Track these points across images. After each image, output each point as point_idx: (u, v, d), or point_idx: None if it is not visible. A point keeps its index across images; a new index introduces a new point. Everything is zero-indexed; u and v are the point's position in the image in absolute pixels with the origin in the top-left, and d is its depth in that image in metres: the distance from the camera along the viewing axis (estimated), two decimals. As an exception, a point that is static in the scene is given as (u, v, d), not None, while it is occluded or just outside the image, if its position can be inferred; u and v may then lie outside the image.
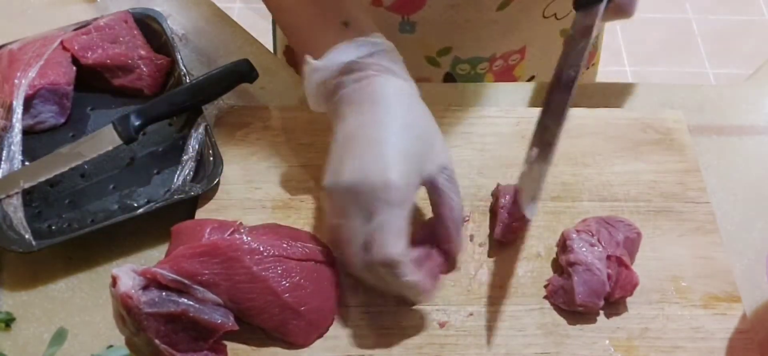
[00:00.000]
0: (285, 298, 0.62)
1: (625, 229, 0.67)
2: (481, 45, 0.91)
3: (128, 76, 0.81)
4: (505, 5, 0.86)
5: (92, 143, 0.73)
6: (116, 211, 0.72)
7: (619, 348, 0.63)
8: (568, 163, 0.75)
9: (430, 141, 0.63)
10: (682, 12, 2.49)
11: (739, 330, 0.64)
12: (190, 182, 0.72)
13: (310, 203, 0.72)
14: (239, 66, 0.78)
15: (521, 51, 0.94)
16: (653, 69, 2.33)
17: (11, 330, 0.65)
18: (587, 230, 0.66)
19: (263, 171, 0.74)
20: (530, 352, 0.63)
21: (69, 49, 0.80)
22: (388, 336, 0.63)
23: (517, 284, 0.67)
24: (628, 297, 0.65)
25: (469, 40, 0.90)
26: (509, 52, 0.93)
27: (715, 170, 0.76)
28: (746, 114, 0.82)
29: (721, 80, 2.30)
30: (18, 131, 0.75)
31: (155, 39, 0.84)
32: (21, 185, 0.70)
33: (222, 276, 0.61)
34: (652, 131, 0.78)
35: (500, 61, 0.93)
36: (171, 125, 0.79)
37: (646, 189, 0.73)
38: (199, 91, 0.76)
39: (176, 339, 0.59)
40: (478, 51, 0.91)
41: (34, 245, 0.67)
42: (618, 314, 0.65)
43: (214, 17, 0.92)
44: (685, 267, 0.68)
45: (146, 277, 0.59)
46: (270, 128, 0.78)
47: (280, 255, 0.63)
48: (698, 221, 0.71)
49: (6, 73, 0.78)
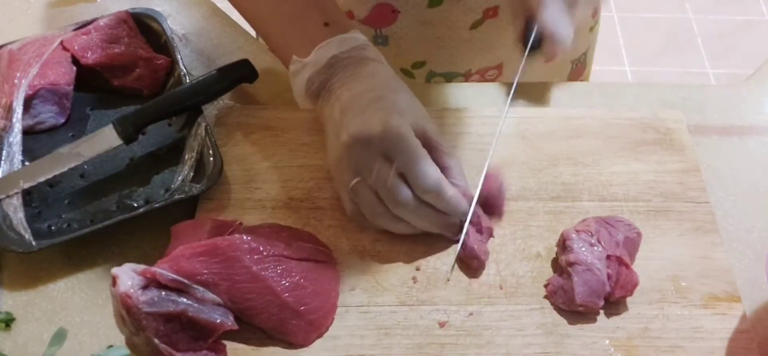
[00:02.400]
0: (284, 298, 0.62)
1: (624, 229, 0.67)
2: (456, 61, 0.92)
3: (128, 77, 0.81)
4: (478, 25, 0.87)
5: (92, 143, 0.73)
6: (116, 211, 0.72)
7: (619, 348, 0.63)
8: (568, 163, 0.75)
9: (414, 102, 0.69)
10: (682, 12, 2.49)
11: (739, 330, 0.64)
12: (190, 182, 0.72)
13: (310, 203, 0.72)
14: (239, 66, 0.79)
15: (498, 67, 0.94)
16: (653, 69, 2.33)
17: (11, 330, 0.65)
18: (587, 230, 0.66)
19: (263, 171, 0.74)
20: (530, 352, 0.63)
21: (69, 49, 0.80)
22: (388, 336, 0.63)
23: (517, 284, 0.67)
24: (628, 297, 0.65)
25: (443, 55, 0.91)
26: (486, 68, 0.93)
27: (715, 170, 0.76)
28: (746, 114, 0.82)
29: (721, 80, 2.30)
30: (18, 131, 0.75)
31: (155, 39, 0.84)
32: (21, 185, 0.70)
33: (222, 276, 0.61)
34: (652, 131, 0.78)
35: (476, 75, 0.94)
36: (171, 125, 0.79)
37: (646, 189, 0.73)
38: (199, 91, 0.76)
39: (176, 338, 0.59)
40: (452, 67, 0.92)
41: (34, 245, 0.67)
42: (618, 314, 0.65)
43: (214, 17, 0.92)
44: (685, 266, 0.68)
45: (146, 277, 0.59)
46: (270, 128, 0.78)
47: (280, 255, 0.63)
48: (698, 221, 0.71)
49: (6, 73, 0.78)
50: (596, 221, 0.67)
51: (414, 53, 0.91)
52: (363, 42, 0.71)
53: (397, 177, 0.64)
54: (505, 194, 0.70)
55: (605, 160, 0.75)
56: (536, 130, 0.78)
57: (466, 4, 0.85)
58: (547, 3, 0.69)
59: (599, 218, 0.68)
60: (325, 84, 0.69)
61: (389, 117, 0.64)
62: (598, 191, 0.73)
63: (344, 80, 0.68)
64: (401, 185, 0.64)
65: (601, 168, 0.75)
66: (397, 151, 0.63)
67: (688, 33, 2.43)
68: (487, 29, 0.88)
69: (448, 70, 0.92)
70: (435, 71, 0.93)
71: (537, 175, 0.74)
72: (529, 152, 0.76)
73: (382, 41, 0.90)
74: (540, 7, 0.69)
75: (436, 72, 0.93)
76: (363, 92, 0.67)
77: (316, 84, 0.70)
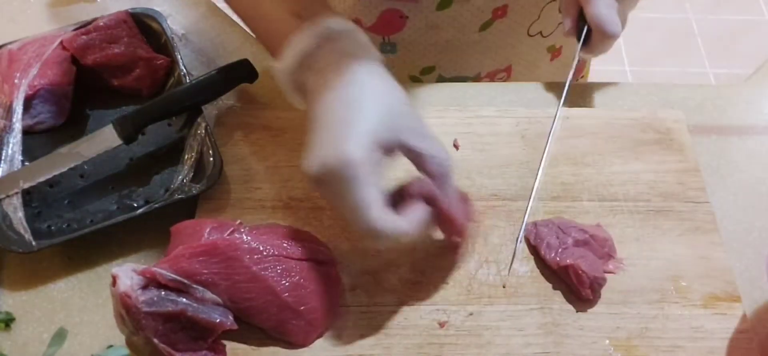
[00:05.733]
0: (284, 298, 0.62)
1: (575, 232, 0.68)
2: (465, 65, 0.91)
3: (128, 77, 0.81)
4: (488, 26, 0.87)
5: (92, 143, 0.73)
6: (116, 211, 0.72)
7: (619, 348, 0.63)
8: (568, 163, 0.75)
9: (386, 110, 0.60)
10: (682, 12, 2.49)
11: (739, 330, 0.64)
12: (190, 182, 0.72)
13: (310, 203, 0.72)
14: (239, 66, 0.79)
15: (507, 69, 0.93)
16: (653, 69, 2.33)
17: (11, 330, 0.65)
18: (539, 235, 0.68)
19: (263, 171, 0.74)
20: (530, 352, 0.63)
21: (69, 49, 0.80)
22: (388, 336, 0.63)
23: (517, 284, 0.67)
24: (628, 292, 0.65)
25: (452, 60, 0.90)
26: (495, 71, 0.93)
27: (715, 170, 0.76)
28: (746, 114, 0.82)
29: (721, 80, 2.30)
30: (18, 131, 0.75)
31: (155, 39, 0.84)
32: (21, 185, 0.70)
33: (221, 276, 0.61)
34: (652, 131, 0.78)
35: (485, 79, 0.93)
36: (171, 125, 0.79)
37: (645, 189, 0.73)
38: (199, 91, 0.76)
39: (175, 338, 0.59)
40: (461, 71, 0.91)
41: (34, 245, 0.67)
42: (618, 314, 0.65)
43: (214, 17, 0.92)
44: (685, 266, 0.68)
45: (145, 277, 0.59)
46: (270, 128, 0.78)
47: (280, 255, 0.63)
48: (698, 221, 0.71)
49: (6, 73, 0.78)
50: (534, 229, 0.69)
51: (423, 59, 0.90)
52: (335, 31, 0.63)
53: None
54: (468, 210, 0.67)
55: (605, 160, 0.75)
56: (536, 130, 0.78)
57: (475, 4, 0.85)
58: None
59: (532, 225, 0.70)
60: (304, 86, 0.64)
61: (340, 153, 0.57)
62: (597, 191, 0.73)
63: (315, 85, 0.62)
64: (358, 219, 0.59)
65: (600, 168, 0.75)
66: (343, 195, 0.58)
67: (688, 33, 2.43)
68: (496, 31, 0.88)
69: (458, 74, 0.92)
70: (444, 76, 0.92)
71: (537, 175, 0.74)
72: (529, 152, 0.76)
73: (390, 49, 0.89)
74: (590, 2, 0.69)
75: (445, 77, 0.92)
76: (326, 109, 0.61)
77: (298, 83, 0.65)
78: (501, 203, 0.72)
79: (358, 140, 0.58)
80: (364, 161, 0.57)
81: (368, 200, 0.57)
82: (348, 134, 0.58)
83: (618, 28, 0.69)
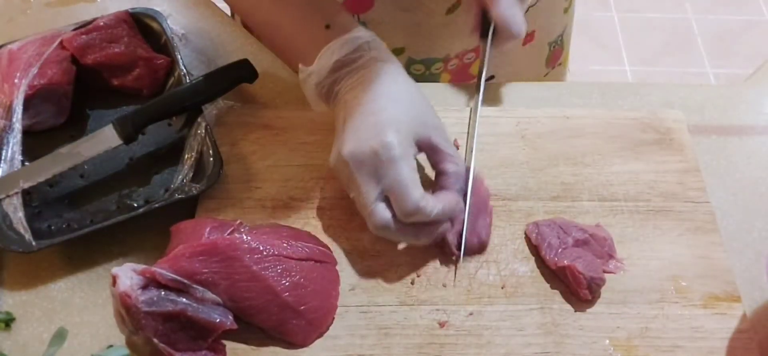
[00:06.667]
0: (284, 297, 0.62)
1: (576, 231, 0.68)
2: (434, 46, 0.92)
3: (128, 76, 0.81)
4: (455, 9, 0.87)
5: (92, 142, 0.73)
6: (116, 211, 0.72)
7: (619, 348, 0.63)
8: (568, 163, 0.75)
9: (418, 108, 0.68)
10: (682, 12, 2.49)
11: (739, 330, 0.64)
12: (190, 181, 0.72)
13: (310, 203, 0.72)
14: (239, 66, 0.79)
15: (476, 50, 0.94)
16: (653, 69, 2.33)
17: (11, 330, 0.65)
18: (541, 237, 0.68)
19: (263, 171, 0.74)
20: (530, 352, 0.63)
21: (68, 49, 0.80)
22: (388, 336, 0.63)
23: (517, 284, 0.67)
24: (628, 292, 0.65)
25: (420, 42, 0.91)
26: (463, 52, 0.94)
27: (715, 170, 0.76)
28: (746, 114, 0.82)
29: (721, 80, 2.30)
30: (18, 131, 0.75)
31: (155, 39, 0.84)
32: (21, 185, 0.70)
33: (221, 276, 0.61)
34: (652, 131, 0.78)
35: (455, 60, 0.94)
36: (171, 125, 0.79)
37: (645, 189, 0.73)
38: (199, 91, 0.76)
39: (175, 338, 0.59)
40: (430, 52, 0.93)
41: (34, 245, 0.67)
42: (618, 314, 0.65)
43: (214, 17, 0.92)
44: (685, 266, 0.68)
45: (145, 276, 0.59)
46: (270, 127, 0.78)
47: (280, 255, 0.63)
48: (698, 221, 0.71)
49: (6, 73, 0.78)
50: (536, 229, 0.69)
51: (392, 40, 0.91)
52: (365, 41, 0.70)
53: (378, 202, 0.64)
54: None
55: (605, 160, 0.75)
56: (536, 130, 0.78)
57: None
58: None
59: (533, 225, 0.70)
60: (333, 88, 0.69)
61: (383, 136, 0.63)
62: (597, 191, 0.73)
63: (350, 86, 0.68)
64: (380, 211, 0.64)
65: (600, 168, 0.75)
66: (383, 174, 0.63)
67: (688, 33, 2.43)
68: (462, 12, 0.88)
69: (427, 56, 0.93)
70: (414, 58, 0.93)
71: (537, 175, 0.74)
72: (529, 152, 0.76)
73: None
74: (494, 2, 0.73)
75: (415, 59, 0.93)
76: (365, 102, 0.66)
77: (326, 88, 0.70)
78: (501, 203, 0.72)
79: (398, 128, 0.64)
80: (405, 145, 0.64)
81: (409, 180, 0.63)
82: (389, 124, 0.64)
83: (522, 28, 0.74)
